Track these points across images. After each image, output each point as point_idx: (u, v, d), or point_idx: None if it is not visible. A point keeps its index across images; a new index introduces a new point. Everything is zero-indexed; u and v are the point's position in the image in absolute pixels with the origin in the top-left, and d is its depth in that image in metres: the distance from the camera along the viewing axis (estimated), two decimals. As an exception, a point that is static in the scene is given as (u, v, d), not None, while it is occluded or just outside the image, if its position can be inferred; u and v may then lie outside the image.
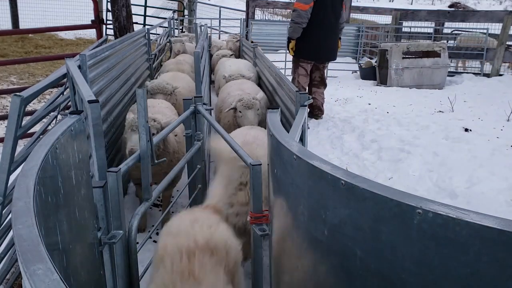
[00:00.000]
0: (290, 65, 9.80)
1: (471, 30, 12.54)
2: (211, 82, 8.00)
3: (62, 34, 14.02)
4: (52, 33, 13.58)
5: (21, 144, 3.32)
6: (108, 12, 11.07)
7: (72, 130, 1.71)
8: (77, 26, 7.58)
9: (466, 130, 5.94)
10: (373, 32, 13.44)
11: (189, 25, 14.45)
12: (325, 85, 6.96)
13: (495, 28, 10.96)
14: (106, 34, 7.41)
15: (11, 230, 2.14)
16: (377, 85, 9.87)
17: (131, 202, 4.25)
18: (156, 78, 5.63)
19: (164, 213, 3.00)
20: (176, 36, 9.62)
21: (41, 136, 3.16)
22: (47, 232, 1.29)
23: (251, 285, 2.31)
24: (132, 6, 7.30)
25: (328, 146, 5.74)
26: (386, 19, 14.68)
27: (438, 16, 12.27)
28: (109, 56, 4.54)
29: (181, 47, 7.87)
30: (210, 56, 8.47)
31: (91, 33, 11.56)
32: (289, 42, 6.48)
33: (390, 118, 6.60)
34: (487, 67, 10.87)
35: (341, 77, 10.94)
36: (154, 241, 3.57)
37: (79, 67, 3.38)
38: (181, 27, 13.84)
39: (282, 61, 10.07)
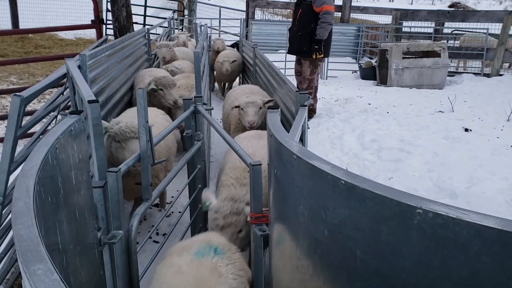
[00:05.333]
0: (290, 65, 9.83)
1: (471, 30, 12.55)
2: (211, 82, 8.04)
3: (62, 34, 14.02)
4: (52, 33, 13.59)
5: (21, 144, 3.32)
6: (108, 12, 11.07)
7: (72, 130, 1.71)
8: (77, 26, 7.58)
9: (466, 130, 5.93)
10: (373, 32, 13.44)
11: (189, 25, 14.44)
12: None
13: (495, 28, 10.96)
14: (106, 34, 7.42)
15: (11, 230, 2.14)
16: (377, 85, 9.87)
17: (131, 202, 4.24)
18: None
19: (165, 214, 3.00)
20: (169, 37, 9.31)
21: (41, 136, 3.16)
22: (47, 232, 1.29)
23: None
24: (132, 6, 7.30)
25: (328, 146, 5.74)
26: (386, 19, 14.68)
27: (438, 16, 12.27)
28: (109, 56, 4.54)
29: (168, 53, 6.94)
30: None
31: (91, 33, 11.57)
32: (321, 44, 6.48)
33: (390, 118, 6.60)
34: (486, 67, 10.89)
35: (341, 77, 10.95)
36: (154, 241, 3.57)
37: (79, 67, 3.39)
38: (181, 27, 13.84)
39: (282, 61, 10.08)
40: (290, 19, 7.78)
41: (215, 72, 8.32)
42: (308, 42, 6.53)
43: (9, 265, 2.68)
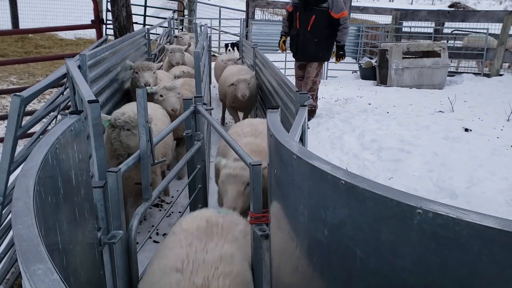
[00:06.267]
0: (290, 65, 9.82)
1: (471, 30, 12.54)
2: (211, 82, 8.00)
3: (62, 34, 14.02)
4: (52, 33, 13.58)
5: (21, 144, 3.32)
6: (108, 12, 11.07)
7: (72, 130, 1.71)
8: (77, 26, 7.59)
9: (466, 130, 5.93)
10: (373, 32, 13.44)
11: (189, 25, 14.45)
12: None
13: (495, 28, 10.96)
14: (106, 34, 7.42)
15: (11, 230, 2.14)
16: (377, 85, 9.87)
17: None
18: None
19: (165, 214, 3.00)
20: (174, 38, 9.08)
21: (41, 136, 3.16)
22: (47, 232, 1.29)
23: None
24: (132, 6, 7.29)
25: (328, 146, 5.74)
26: (386, 19, 14.67)
27: (438, 16, 12.27)
28: (109, 56, 4.54)
29: (181, 58, 6.85)
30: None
31: (91, 33, 11.55)
32: (344, 49, 6.69)
33: (390, 118, 6.60)
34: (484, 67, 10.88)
35: (341, 77, 10.95)
36: (154, 241, 3.58)
37: (79, 67, 3.38)
38: (181, 27, 13.84)
39: (282, 61, 10.07)
40: None
41: (224, 95, 6.22)
42: (325, 47, 6.61)
43: (9, 265, 2.68)
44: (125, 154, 3.26)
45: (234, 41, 11.05)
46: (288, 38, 7.05)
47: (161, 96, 4.54)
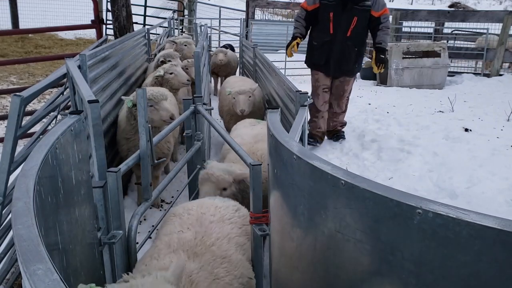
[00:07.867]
0: (290, 65, 9.82)
1: (471, 30, 12.54)
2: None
3: (62, 34, 14.01)
4: (52, 33, 13.58)
5: (21, 144, 3.32)
6: (108, 12, 11.06)
7: (72, 130, 1.71)
8: (77, 26, 7.59)
9: (466, 130, 5.94)
10: (373, 32, 13.42)
11: (189, 25, 14.45)
12: None
13: (495, 28, 10.95)
14: (106, 34, 7.41)
15: (11, 230, 2.14)
16: (377, 85, 9.87)
17: (131, 202, 4.25)
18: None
19: (165, 214, 3.00)
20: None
21: (41, 136, 3.16)
22: (47, 232, 1.29)
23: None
24: (132, 6, 7.29)
25: (328, 146, 5.74)
26: (386, 19, 14.66)
27: (438, 16, 12.27)
28: (109, 56, 4.54)
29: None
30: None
31: (91, 33, 11.56)
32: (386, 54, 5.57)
33: (390, 118, 6.60)
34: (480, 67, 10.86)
35: (341, 77, 10.93)
36: (154, 241, 3.57)
37: (79, 67, 3.38)
38: (181, 27, 13.83)
39: (282, 61, 10.07)
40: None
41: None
42: (362, 56, 5.62)
43: (9, 265, 2.68)
44: None
45: (228, 43, 10.91)
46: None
47: (171, 73, 4.67)
